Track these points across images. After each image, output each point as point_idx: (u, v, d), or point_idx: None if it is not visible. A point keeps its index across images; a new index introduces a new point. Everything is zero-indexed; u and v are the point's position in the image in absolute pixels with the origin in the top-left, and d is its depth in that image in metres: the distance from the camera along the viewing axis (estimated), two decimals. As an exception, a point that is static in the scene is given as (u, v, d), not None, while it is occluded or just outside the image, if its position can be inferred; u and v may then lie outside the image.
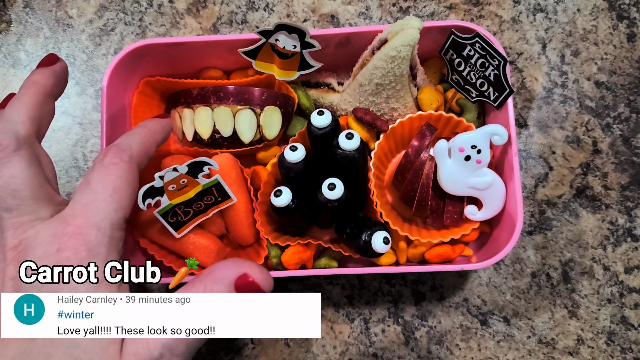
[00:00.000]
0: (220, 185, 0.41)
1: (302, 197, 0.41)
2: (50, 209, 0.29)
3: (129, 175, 0.30)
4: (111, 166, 0.30)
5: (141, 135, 0.34)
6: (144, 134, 0.34)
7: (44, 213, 0.29)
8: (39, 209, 0.29)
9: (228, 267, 0.29)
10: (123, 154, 0.31)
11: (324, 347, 0.49)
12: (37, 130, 0.32)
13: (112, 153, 0.31)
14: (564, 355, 0.49)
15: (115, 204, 0.29)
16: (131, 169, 0.31)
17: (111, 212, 0.29)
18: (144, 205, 0.38)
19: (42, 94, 0.33)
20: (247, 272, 0.29)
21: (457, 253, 0.46)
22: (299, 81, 0.48)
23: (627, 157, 0.51)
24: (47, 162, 0.32)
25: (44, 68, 0.34)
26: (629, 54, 0.52)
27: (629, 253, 0.50)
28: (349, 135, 0.40)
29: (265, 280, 0.29)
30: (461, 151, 0.41)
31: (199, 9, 0.54)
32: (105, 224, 0.28)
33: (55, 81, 0.34)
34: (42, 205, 0.29)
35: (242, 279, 0.29)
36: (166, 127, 0.37)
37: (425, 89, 0.45)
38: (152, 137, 0.34)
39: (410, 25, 0.40)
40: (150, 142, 0.34)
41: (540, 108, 0.52)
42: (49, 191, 0.30)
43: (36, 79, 0.33)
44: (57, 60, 0.35)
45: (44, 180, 0.30)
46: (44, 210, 0.29)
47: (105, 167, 0.30)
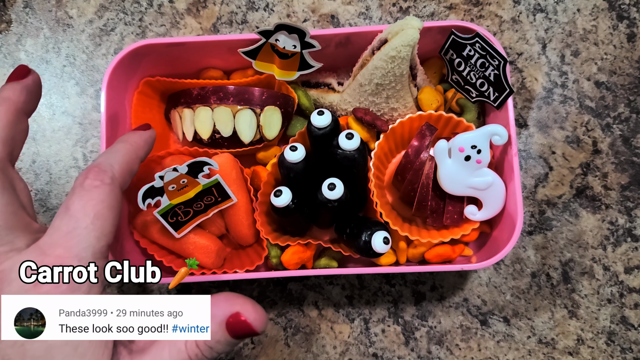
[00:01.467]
0: (220, 185, 0.41)
1: (302, 197, 0.41)
2: (27, 238, 0.28)
3: (111, 199, 0.28)
4: (92, 190, 0.28)
5: (123, 153, 0.32)
6: (126, 151, 0.32)
7: (20, 243, 0.27)
8: (14, 239, 0.27)
9: (220, 304, 0.28)
10: (104, 175, 0.29)
11: (324, 347, 0.49)
12: (9, 152, 0.29)
13: (93, 175, 0.29)
14: (564, 355, 0.49)
15: (97, 231, 0.27)
16: (113, 191, 0.29)
17: (93, 240, 0.27)
18: (144, 205, 0.38)
19: (13, 112, 0.30)
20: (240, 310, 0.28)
21: (457, 253, 0.46)
22: (299, 81, 0.48)
23: (627, 157, 0.51)
24: (21, 187, 0.30)
25: (14, 82, 0.31)
26: (629, 54, 0.52)
27: (629, 253, 0.50)
28: (349, 135, 0.40)
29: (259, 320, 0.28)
30: (461, 151, 0.41)
31: (199, 9, 0.54)
32: (87, 253, 0.27)
33: (28, 97, 0.31)
34: (17, 234, 0.27)
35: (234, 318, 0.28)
36: (149, 141, 0.35)
37: (425, 89, 0.45)
38: (135, 153, 0.33)
39: (410, 25, 0.40)
40: (132, 158, 0.32)
41: (540, 108, 0.52)
42: (25, 218, 0.29)
43: (6, 95, 0.30)
44: (28, 72, 0.32)
45: (19, 207, 0.28)
46: (20, 240, 0.27)
47: (87, 191, 0.28)
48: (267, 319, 0.29)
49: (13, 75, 0.32)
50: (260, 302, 0.50)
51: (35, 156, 0.52)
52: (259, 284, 0.50)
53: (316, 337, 0.49)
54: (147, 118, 0.48)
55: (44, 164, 0.52)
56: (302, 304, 0.50)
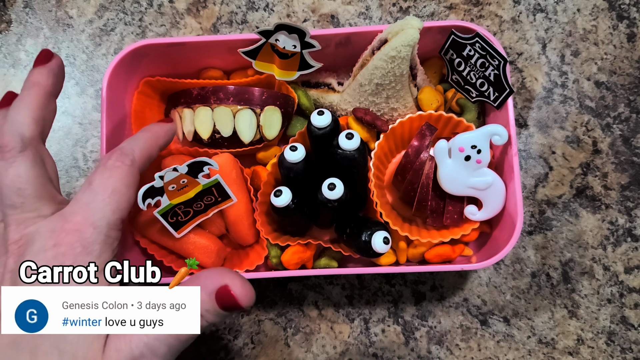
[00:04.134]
0: (220, 185, 0.41)
1: (302, 197, 0.41)
2: (52, 207, 0.31)
3: (129, 179, 0.32)
4: (113, 169, 0.31)
5: (144, 140, 0.35)
6: (147, 138, 0.35)
7: (45, 211, 0.30)
8: (41, 207, 0.30)
9: (212, 276, 0.30)
10: (126, 158, 0.32)
11: (324, 347, 0.49)
12: (41, 131, 0.33)
13: (116, 157, 0.32)
14: (564, 355, 0.49)
15: (113, 205, 0.30)
16: (132, 172, 0.32)
17: (109, 212, 0.30)
18: (144, 205, 0.38)
19: (43, 94, 0.33)
20: (229, 284, 0.29)
21: (457, 253, 0.46)
22: (299, 81, 0.48)
23: (627, 157, 0.51)
24: (50, 162, 0.33)
25: (41, 67, 0.34)
26: (629, 54, 0.52)
27: (629, 253, 0.50)
28: (349, 135, 0.40)
29: (245, 295, 0.30)
30: (461, 151, 0.41)
31: (199, 9, 0.54)
32: (102, 223, 0.29)
33: (55, 79, 0.35)
34: (44, 203, 0.31)
35: (222, 290, 0.30)
36: (169, 132, 0.38)
37: (425, 89, 0.45)
38: (155, 141, 0.36)
39: (410, 25, 0.40)
40: (153, 146, 0.35)
41: (540, 108, 0.52)
42: (51, 190, 0.32)
43: (36, 79, 0.34)
44: (52, 56, 0.35)
45: (47, 180, 0.32)
46: (46, 208, 0.31)
47: (108, 170, 0.31)
48: (254, 297, 0.31)
49: (38, 59, 0.35)
50: (260, 302, 0.50)
51: (35, 156, 0.52)
52: (259, 284, 0.50)
53: (316, 337, 0.49)
54: (147, 118, 0.48)
55: (44, 164, 0.52)
56: (302, 304, 0.50)
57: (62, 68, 0.36)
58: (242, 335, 0.50)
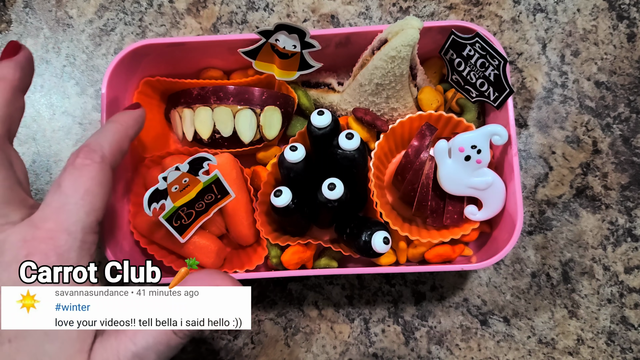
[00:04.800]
0: (219, 182, 0.41)
1: (302, 197, 0.41)
2: (22, 212, 0.29)
3: (101, 177, 0.30)
4: (83, 168, 0.29)
5: (112, 132, 0.33)
6: (115, 130, 0.33)
7: (14, 217, 0.28)
8: (9, 213, 0.28)
9: (202, 279, 0.30)
10: (94, 154, 0.30)
11: (324, 347, 0.49)
12: (7, 130, 0.30)
13: (83, 154, 0.30)
14: (564, 355, 0.49)
15: (87, 206, 0.28)
16: (103, 169, 0.30)
17: (83, 215, 0.28)
18: (150, 210, 0.38)
19: (10, 90, 0.31)
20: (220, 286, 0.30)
21: (457, 253, 0.46)
22: (299, 81, 0.48)
23: (627, 157, 0.51)
24: (18, 163, 0.31)
25: (8, 61, 0.31)
26: (629, 54, 0.52)
27: (629, 253, 0.50)
28: (349, 135, 0.40)
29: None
30: (461, 151, 0.41)
31: (199, 9, 0.54)
32: (77, 227, 0.28)
33: (22, 74, 0.32)
34: (13, 208, 0.28)
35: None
36: (139, 119, 0.36)
37: (425, 89, 0.45)
38: (125, 132, 0.34)
39: (410, 25, 0.40)
40: (122, 137, 0.33)
41: (540, 108, 0.52)
42: (20, 194, 0.29)
43: (2, 74, 0.31)
44: (20, 48, 0.32)
45: (15, 182, 0.29)
46: (15, 214, 0.28)
47: (77, 169, 0.29)
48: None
49: (4, 52, 0.32)
50: (260, 302, 0.50)
51: (36, 156, 0.52)
52: (259, 284, 0.50)
53: (316, 337, 0.49)
54: (147, 118, 0.48)
55: (44, 164, 0.52)
56: (302, 304, 0.50)
57: (30, 61, 0.33)
58: (242, 335, 0.50)
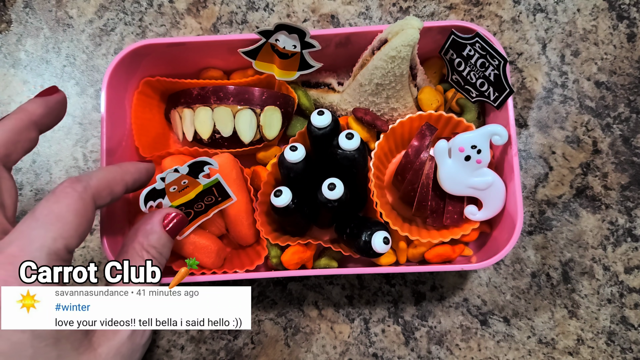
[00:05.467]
0: (220, 185, 0.41)
1: (302, 197, 0.41)
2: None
3: (78, 205, 0.29)
4: (61, 194, 0.29)
5: (106, 171, 0.33)
6: (112, 171, 0.34)
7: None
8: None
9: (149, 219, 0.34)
10: (77, 184, 0.30)
11: (324, 347, 0.49)
12: (5, 154, 0.31)
13: (67, 183, 0.30)
14: (564, 355, 0.49)
15: (55, 232, 0.27)
16: (82, 199, 0.29)
17: (49, 240, 0.27)
18: (146, 207, 0.38)
19: (25, 120, 0.32)
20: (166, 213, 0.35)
21: (457, 253, 0.46)
22: (299, 81, 0.48)
23: (627, 157, 0.51)
24: (7, 187, 0.31)
25: (37, 97, 0.34)
26: (629, 54, 0.52)
27: (629, 253, 0.50)
28: (349, 135, 0.40)
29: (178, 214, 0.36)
30: (461, 151, 0.41)
31: (199, 9, 0.54)
32: (41, 253, 0.27)
33: (45, 111, 0.33)
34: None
35: (166, 219, 0.35)
36: (143, 170, 0.36)
37: (425, 89, 0.45)
38: (121, 176, 0.34)
39: (410, 25, 0.40)
40: (116, 179, 0.33)
41: (540, 108, 0.52)
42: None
43: (25, 106, 0.33)
44: (55, 91, 0.35)
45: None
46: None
47: (55, 195, 0.29)
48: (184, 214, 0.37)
49: (41, 92, 0.34)
50: (260, 302, 0.50)
51: (35, 156, 0.52)
52: (259, 284, 0.50)
53: (316, 337, 0.49)
54: (147, 118, 0.48)
55: (44, 164, 0.52)
56: (302, 304, 0.50)
57: (60, 104, 0.34)
58: (242, 335, 0.50)
